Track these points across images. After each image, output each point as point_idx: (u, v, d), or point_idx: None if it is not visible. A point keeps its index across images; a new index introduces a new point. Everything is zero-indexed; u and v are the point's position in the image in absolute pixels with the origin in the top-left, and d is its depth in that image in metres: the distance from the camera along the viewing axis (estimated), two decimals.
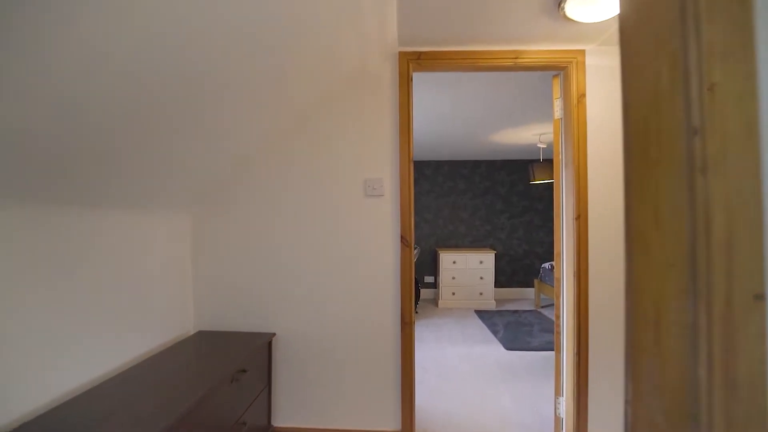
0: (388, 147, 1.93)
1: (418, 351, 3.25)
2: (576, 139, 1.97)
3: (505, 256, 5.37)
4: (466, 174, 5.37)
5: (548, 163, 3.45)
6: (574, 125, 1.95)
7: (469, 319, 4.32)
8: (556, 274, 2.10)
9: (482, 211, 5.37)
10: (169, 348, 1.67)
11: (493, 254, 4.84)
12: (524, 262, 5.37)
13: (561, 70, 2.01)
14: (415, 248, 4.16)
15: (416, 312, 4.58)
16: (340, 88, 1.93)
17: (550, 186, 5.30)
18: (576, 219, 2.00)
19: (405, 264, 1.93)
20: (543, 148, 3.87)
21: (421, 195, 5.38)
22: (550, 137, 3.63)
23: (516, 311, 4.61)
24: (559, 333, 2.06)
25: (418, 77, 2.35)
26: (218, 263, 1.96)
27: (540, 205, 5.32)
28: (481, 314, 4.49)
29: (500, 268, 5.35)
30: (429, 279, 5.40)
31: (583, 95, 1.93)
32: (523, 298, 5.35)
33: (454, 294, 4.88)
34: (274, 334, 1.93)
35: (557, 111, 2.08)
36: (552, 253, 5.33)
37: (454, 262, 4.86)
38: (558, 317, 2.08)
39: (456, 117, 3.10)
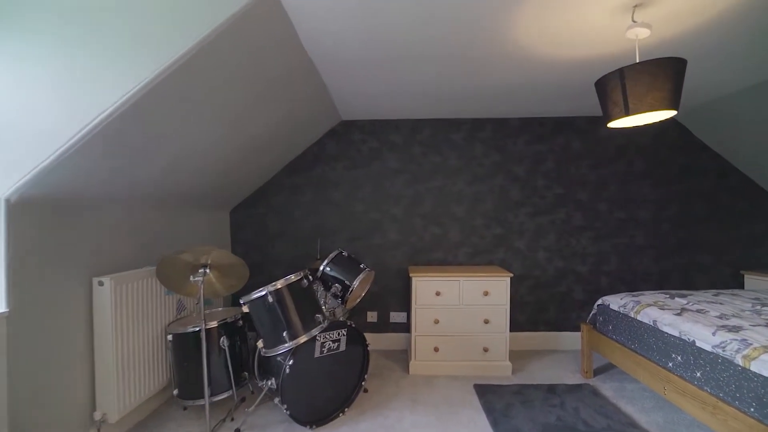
0: None
1: None
2: None
3: (527, 278, 3.23)
4: (459, 142, 3.23)
5: (659, 68, 1.33)
6: None
7: (462, 417, 2.16)
8: None
9: (487, 203, 3.23)
10: None
11: (508, 279, 2.70)
12: (557, 289, 3.23)
13: None
14: (167, 293, 2.05)
15: (364, 391, 2.42)
16: None
17: (600, 162, 3.17)
18: None
19: None
20: (643, 39, 1.71)
21: (383, 177, 3.23)
22: (665, 9, 1.45)
23: (552, 389, 2.46)
24: None
25: None
26: None
27: (583, 192, 3.19)
28: (488, 399, 2.34)
29: (518, 300, 3.21)
30: (398, 317, 3.24)
31: None
32: (556, 350, 3.20)
33: (437, 351, 2.72)
34: None
35: None
36: (616, 277, 3.19)
37: (437, 294, 2.71)
38: None
39: None
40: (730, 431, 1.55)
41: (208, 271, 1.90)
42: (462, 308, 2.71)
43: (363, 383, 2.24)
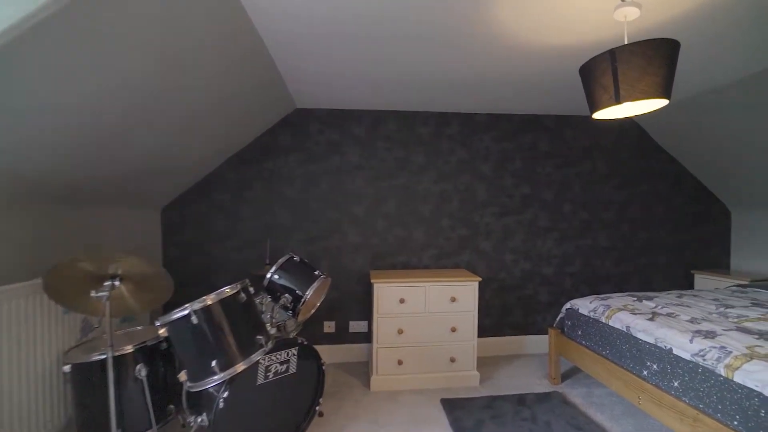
0: None
1: None
2: None
3: (493, 281, 3.09)
4: (425, 137, 3.02)
5: (654, 50, 1.20)
6: None
7: None
8: None
9: (454, 202, 3.05)
10: None
11: (476, 283, 2.53)
12: (524, 292, 3.13)
13: None
14: (65, 312, 1.61)
15: (319, 415, 2.11)
16: None
17: (566, 162, 3.11)
18: None
19: None
20: (632, 21, 1.57)
21: (343, 172, 2.95)
22: None
23: (522, 399, 2.32)
24: None
25: None
26: None
27: (549, 193, 3.12)
28: (457, 415, 2.14)
29: (483, 304, 3.06)
30: (359, 326, 2.97)
31: None
32: (522, 354, 3.10)
33: (401, 364, 2.48)
34: None
35: None
36: (579, 279, 3.15)
37: (402, 301, 2.47)
38: None
39: None
40: None
41: (117, 283, 1.50)
42: (427, 316, 2.49)
43: (317, 407, 1.94)
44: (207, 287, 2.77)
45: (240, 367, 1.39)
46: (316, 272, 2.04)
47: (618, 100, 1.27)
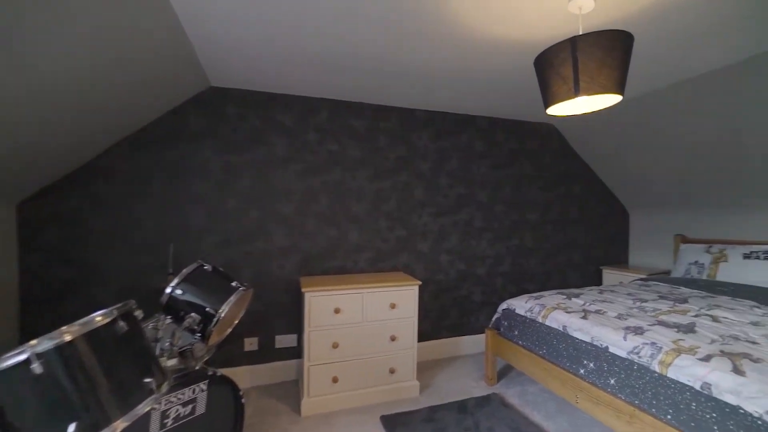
0: None
1: None
2: None
3: (430, 283, 3.00)
4: (361, 130, 2.80)
5: (613, 42, 1.15)
6: None
7: None
8: None
9: (391, 201, 2.88)
10: None
11: (416, 287, 2.39)
12: (459, 293, 3.09)
13: None
14: None
15: None
16: None
17: (498, 164, 3.16)
18: None
19: None
20: (587, 14, 1.51)
21: (268, 165, 2.57)
22: None
23: (462, 406, 2.23)
24: None
25: None
26: None
27: (482, 193, 3.14)
28: (396, 430, 1.95)
29: (421, 307, 2.94)
30: (286, 340, 2.62)
31: None
32: (458, 355, 3.06)
33: (336, 381, 2.21)
34: None
35: None
36: (508, 278, 3.20)
37: (337, 311, 2.21)
38: None
39: None
40: None
41: None
42: (365, 325, 2.27)
43: None
44: (85, 304, 2.18)
45: (119, 425, 0.99)
46: (234, 283, 1.67)
47: (577, 93, 1.19)
